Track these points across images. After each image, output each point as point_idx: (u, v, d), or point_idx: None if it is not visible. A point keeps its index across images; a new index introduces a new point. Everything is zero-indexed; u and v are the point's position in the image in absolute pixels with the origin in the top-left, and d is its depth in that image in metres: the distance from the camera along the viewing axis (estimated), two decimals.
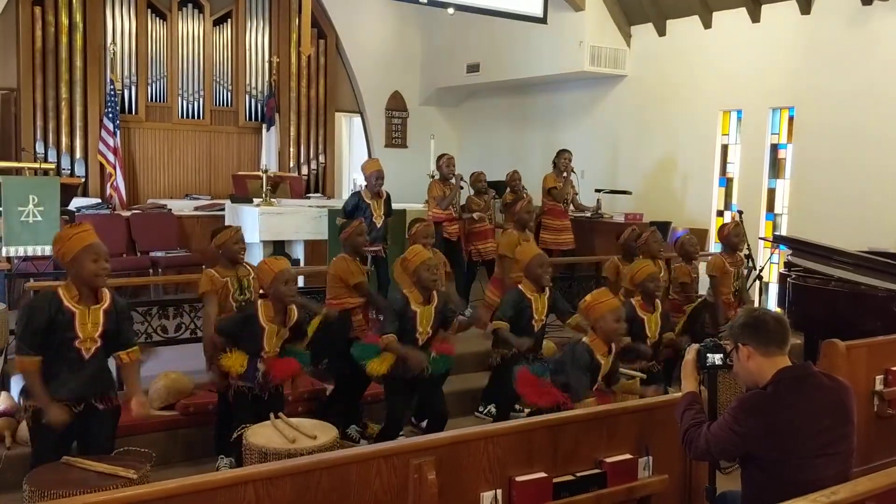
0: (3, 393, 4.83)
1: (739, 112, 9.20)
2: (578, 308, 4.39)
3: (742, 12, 8.89)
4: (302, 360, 4.47)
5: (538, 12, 9.38)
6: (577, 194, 8.77)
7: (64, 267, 3.60)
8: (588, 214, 9.25)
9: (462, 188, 7.77)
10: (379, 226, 6.51)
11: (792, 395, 2.68)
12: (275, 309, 4.27)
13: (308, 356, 4.60)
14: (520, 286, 5.09)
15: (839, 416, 2.72)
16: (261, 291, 4.63)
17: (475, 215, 7.60)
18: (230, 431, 4.17)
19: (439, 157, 7.77)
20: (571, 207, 8.68)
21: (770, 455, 2.66)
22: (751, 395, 2.76)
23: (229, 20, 11.16)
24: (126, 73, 10.42)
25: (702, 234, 9.02)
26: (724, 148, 9.46)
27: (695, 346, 3.08)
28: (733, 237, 6.22)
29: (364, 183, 6.75)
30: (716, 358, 3.01)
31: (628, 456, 3.26)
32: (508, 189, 8.24)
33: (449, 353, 4.87)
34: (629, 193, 9.72)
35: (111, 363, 3.77)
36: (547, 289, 5.05)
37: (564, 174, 8.25)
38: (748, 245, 6.85)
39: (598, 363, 4.17)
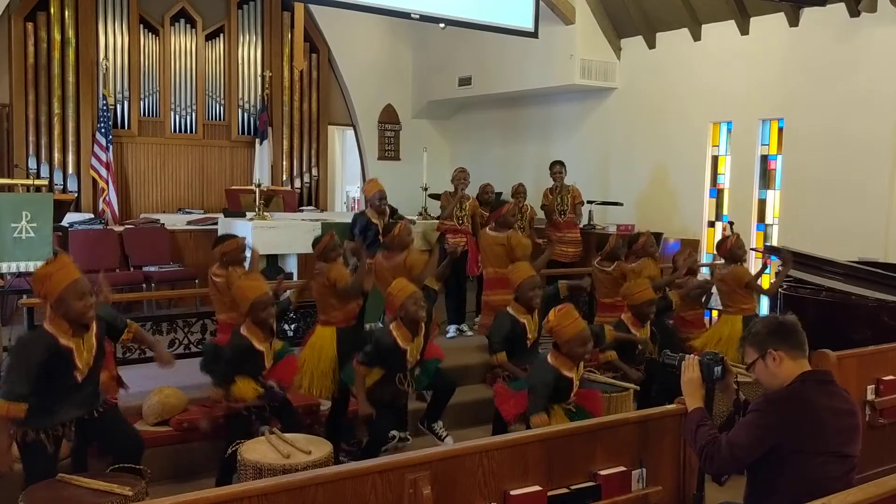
0: None
1: (729, 123, 9.26)
2: (543, 327, 4.37)
3: (731, 25, 8.96)
4: (286, 352, 4.61)
5: (529, 26, 9.45)
6: (581, 203, 8.79)
7: (50, 305, 3.47)
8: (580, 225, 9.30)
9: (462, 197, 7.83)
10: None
11: (816, 393, 2.78)
12: (262, 331, 4.33)
13: (287, 346, 4.70)
14: (509, 309, 5.10)
15: (854, 422, 2.83)
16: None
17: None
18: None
19: (455, 170, 7.87)
20: (572, 216, 8.69)
21: (792, 446, 2.72)
22: (775, 392, 2.84)
23: (221, 35, 11.19)
24: (118, 88, 10.43)
25: (693, 245, 9.06)
26: (715, 159, 9.52)
27: (694, 360, 3.10)
28: (737, 249, 6.07)
29: (360, 200, 6.83)
30: (719, 370, 3.05)
31: (622, 468, 3.27)
32: (513, 201, 8.31)
33: (437, 357, 4.86)
34: (621, 205, 9.77)
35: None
36: (535, 310, 5.07)
37: (557, 186, 8.33)
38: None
39: (567, 379, 4.16)
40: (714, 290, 6.38)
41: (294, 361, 4.54)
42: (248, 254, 5.55)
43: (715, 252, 6.68)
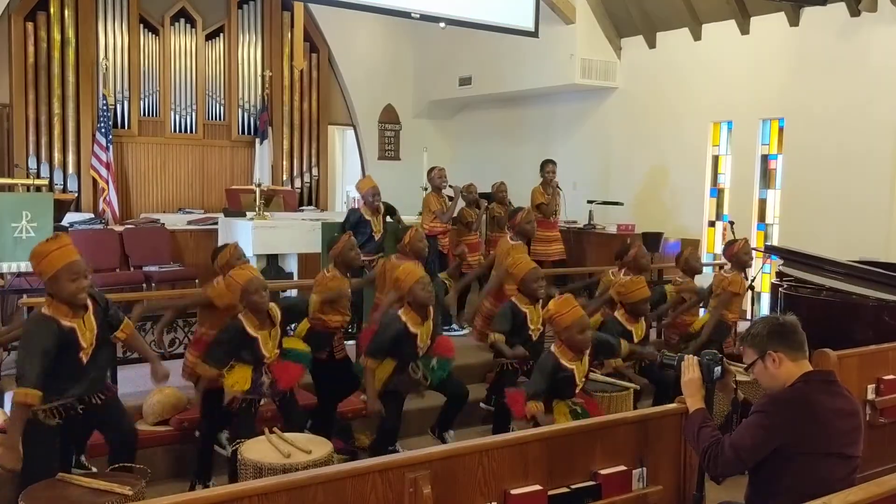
0: None
1: (730, 123, 9.26)
2: (542, 316, 4.37)
3: (731, 24, 8.97)
4: (303, 360, 4.44)
5: (530, 26, 9.45)
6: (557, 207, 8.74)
7: (43, 283, 3.55)
8: (580, 226, 9.30)
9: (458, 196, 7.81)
10: (377, 239, 6.66)
11: (820, 394, 2.77)
12: (257, 317, 4.23)
13: (308, 354, 4.51)
14: (513, 299, 5.12)
15: (857, 423, 2.83)
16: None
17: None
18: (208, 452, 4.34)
19: (430, 170, 7.81)
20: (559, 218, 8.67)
21: (796, 447, 2.71)
22: (779, 392, 2.83)
23: (221, 35, 11.20)
24: (118, 87, 10.44)
25: (693, 245, 9.06)
26: (715, 159, 9.52)
27: (694, 360, 3.09)
28: (743, 254, 5.97)
29: (360, 200, 6.82)
30: (718, 370, 3.04)
31: (623, 468, 3.27)
32: (495, 202, 8.27)
33: (448, 355, 4.81)
34: (621, 204, 9.77)
35: None
36: (541, 300, 5.06)
37: (551, 187, 8.26)
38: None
39: (568, 370, 4.16)
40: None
41: (299, 369, 4.37)
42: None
43: (721, 254, 6.61)
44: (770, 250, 7.51)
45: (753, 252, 6.27)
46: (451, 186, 7.72)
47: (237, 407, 4.26)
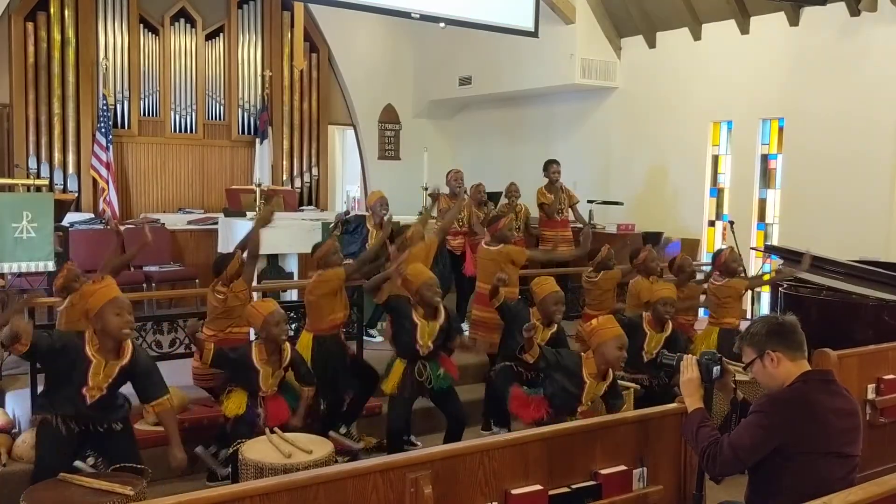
0: None
1: (730, 123, 9.27)
2: (583, 330, 4.35)
3: (731, 24, 8.97)
4: (292, 403, 4.45)
5: (529, 26, 9.46)
6: (577, 202, 8.72)
7: (89, 321, 3.67)
8: (580, 225, 9.29)
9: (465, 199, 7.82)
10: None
11: (819, 394, 2.78)
12: (268, 350, 4.29)
13: (296, 397, 4.54)
14: (531, 310, 5.05)
15: (856, 423, 2.83)
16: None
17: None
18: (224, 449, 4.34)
19: (448, 173, 7.84)
20: (572, 217, 8.68)
21: (795, 447, 2.71)
22: (778, 392, 2.83)
23: (221, 34, 11.20)
24: (118, 87, 10.43)
25: (693, 244, 9.08)
26: (715, 158, 9.53)
27: (692, 360, 3.09)
28: (731, 262, 5.98)
29: (370, 210, 6.93)
30: (717, 370, 3.05)
31: (623, 467, 3.28)
32: (506, 201, 8.30)
33: (451, 373, 4.88)
34: (621, 204, 9.77)
35: None
36: (555, 325, 4.99)
37: (556, 185, 8.26)
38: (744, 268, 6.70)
39: (583, 380, 4.13)
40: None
41: (287, 411, 4.38)
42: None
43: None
44: (770, 250, 7.51)
45: (741, 256, 6.28)
46: (462, 189, 7.72)
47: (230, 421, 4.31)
